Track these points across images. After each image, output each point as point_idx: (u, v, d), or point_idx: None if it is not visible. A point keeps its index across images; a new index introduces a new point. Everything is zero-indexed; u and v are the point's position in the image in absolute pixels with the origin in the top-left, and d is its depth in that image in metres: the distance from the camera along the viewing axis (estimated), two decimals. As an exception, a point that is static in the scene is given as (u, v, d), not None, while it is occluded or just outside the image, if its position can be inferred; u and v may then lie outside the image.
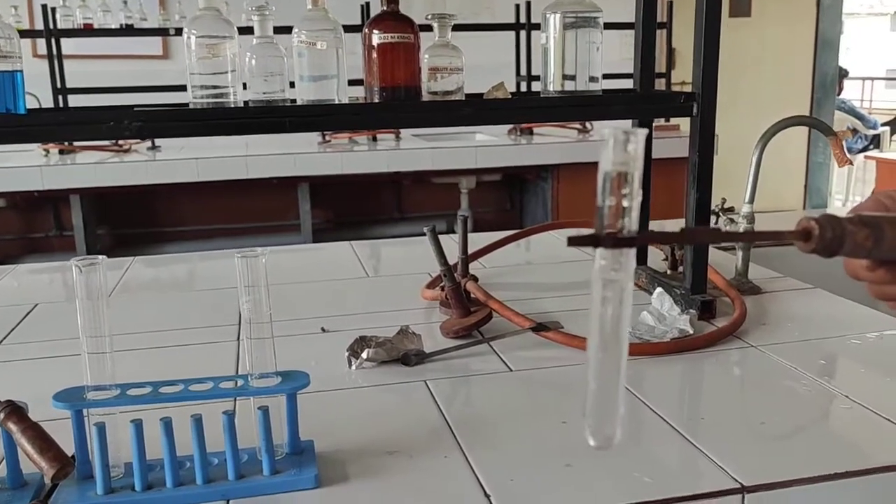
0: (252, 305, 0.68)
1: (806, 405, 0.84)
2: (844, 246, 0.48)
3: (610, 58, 1.75)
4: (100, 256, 0.65)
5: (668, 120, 3.68)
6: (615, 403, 0.44)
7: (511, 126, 3.67)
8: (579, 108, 1.08)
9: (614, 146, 0.40)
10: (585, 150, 3.34)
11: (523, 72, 3.69)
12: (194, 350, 1.05)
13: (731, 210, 1.31)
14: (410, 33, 1.02)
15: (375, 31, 1.02)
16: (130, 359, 1.00)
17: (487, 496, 0.66)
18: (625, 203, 0.40)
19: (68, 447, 0.66)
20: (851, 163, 1.22)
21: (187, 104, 1.00)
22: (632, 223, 0.41)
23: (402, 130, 3.62)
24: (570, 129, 3.61)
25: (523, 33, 3.67)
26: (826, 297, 1.20)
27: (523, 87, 3.62)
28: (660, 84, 3.80)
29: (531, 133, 3.66)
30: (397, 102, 1.03)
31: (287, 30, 1.04)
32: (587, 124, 3.59)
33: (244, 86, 1.04)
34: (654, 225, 1.62)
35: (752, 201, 1.28)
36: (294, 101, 1.04)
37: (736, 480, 0.67)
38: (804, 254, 0.50)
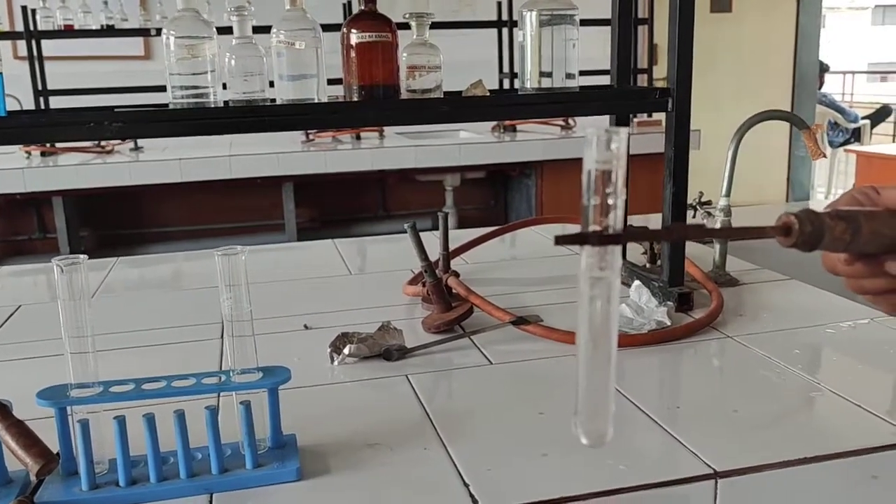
0: (233, 303, 0.69)
1: (780, 393, 0.86)
2: (823, 240, 0.49)
3: (593, 54, 1.77)
4: (81, 255, 0.66)
5: (650, 115, 3.71)
6: (606, 401, 0.44)
7: (494, 123, 3.69)
8: (556, 104, 1.09)
9: (597, 145, 0.41)
10: (568, 146, 3.36)
11: (506, 69, 3.71)
12: (178, 349, 1.05)
13: (708, 204, 1.33)
14: (388, 32, 1.03)
15: (353, 31, 1.03)
16: (114, 358, 1.01)
17: (466, 485, 0.67)
18: (609, 201, 0.41)
19: (53, 445, 0.67)
20: (825, 155, 1.24)
21: (167, 105, 1.00)
22: (617, 221, 0.41)
23: (385, 129, 3.63)
24: (553, 126, 3.64)
25: (505, 31, 3.69)
26: (802, 288, 1.23)
27: (506, 85, 3.64)
28: (642, 80, 3.82)
29: (514, 130, 3.68)
30: (376, 101, 1.04)
31: (267, 30, 1.04)
32: (570, 121, 3.62)
33: (224, 86, 1.05)
34: (638, 220, 1.64)
35: (728, 194, 1.29)
36: (274, 100, 1.05)
37: (709, 466, 0.69)
38: (781, 246, 0.51)
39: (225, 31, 1.05)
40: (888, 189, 0.56)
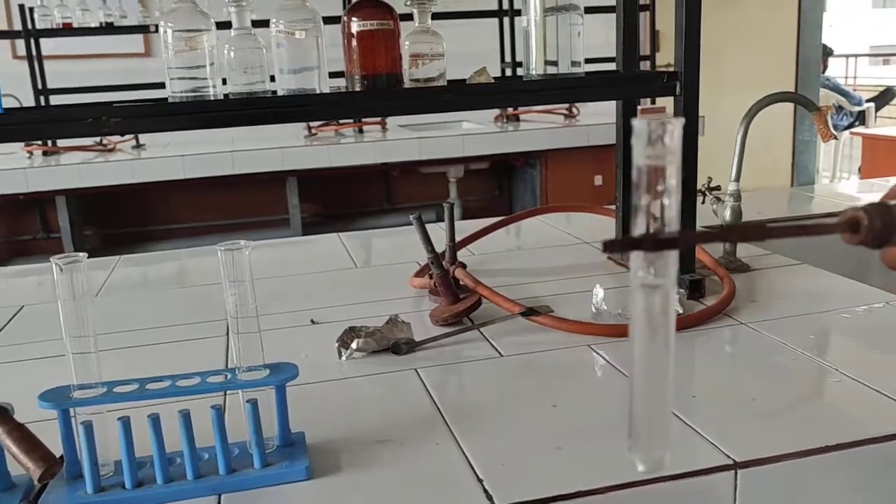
0: (237, 299, 0.68)
1: (797, 380, 0.85)
2: (895, 235, 0.45)
3: (596, 42, 1.75)
4: (81, 254, 0.65)
5: (654, 102, 3.68)
6: (664, 424, 0.41)
7: (497, 113, 3.66)
8: (562, 90, 1.07)
9: (648, 138, 0.37)
10: (572, 135, 3.33)
11: (508, 58, 3.68)
12: (184, 347, 1.04)
13: (717, 189, 1.31)
14: (390, 20, 1.01)
15: (354, 19, 1.01)
16: (118, 358, 1.00)
17: (480, 481, 0.66)
18: (665, 201, 0.37)
19: (56, 448, 0.65)
20: (836, 137, 1.22)
21: (167, 99, 0.99)
22: (672, 222, 0.37)
23: (388, 121, 3.60)
24: (557, 114, 3.61)
25: (507, 20, 3.66)
26: (814, 273, 1.21)
27: (508, 74, 3.61)
28: (645, 67, 3.79)
29: (518, 120, 3.66)
30: (379, 90, 1.02)
31: (265, 24, 1.02)
32: (573, 109, 3.59)
33: (224, 82, 1.02)
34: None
35: (738, 179, 1.27)
36: (275, 93, 1.03)
37: (728, 457, 0.67)
38: (846, 244, 0.47)
39: (224, 25, 1.03)
40: None
